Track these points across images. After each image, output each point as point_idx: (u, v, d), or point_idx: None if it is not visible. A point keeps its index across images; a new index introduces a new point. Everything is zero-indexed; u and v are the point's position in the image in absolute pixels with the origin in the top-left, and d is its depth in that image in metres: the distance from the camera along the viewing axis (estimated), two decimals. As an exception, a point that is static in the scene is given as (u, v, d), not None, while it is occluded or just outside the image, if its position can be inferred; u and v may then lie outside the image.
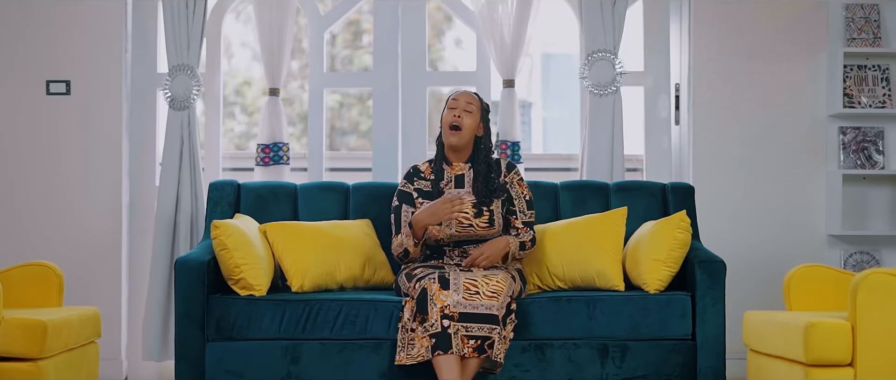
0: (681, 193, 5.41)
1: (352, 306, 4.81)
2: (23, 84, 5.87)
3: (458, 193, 4.89)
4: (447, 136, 4.99)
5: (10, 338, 4.02)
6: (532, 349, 4.79)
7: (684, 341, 4.81)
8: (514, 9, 5.82)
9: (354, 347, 4.79)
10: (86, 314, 4.49)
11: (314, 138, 6.03)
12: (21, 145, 5.86)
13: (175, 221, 5.74)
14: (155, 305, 5.70)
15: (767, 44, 5.87)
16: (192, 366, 4.78)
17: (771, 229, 5.84)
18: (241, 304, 4.80)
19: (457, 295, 4.59)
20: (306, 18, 6.03)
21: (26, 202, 5.85)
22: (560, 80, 12.50)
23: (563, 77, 11.33)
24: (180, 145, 5.76)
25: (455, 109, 4.99)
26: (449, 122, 4.98)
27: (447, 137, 4.99)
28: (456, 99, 5.00)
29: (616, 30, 5.77)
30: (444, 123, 5.00)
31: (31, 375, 4.01)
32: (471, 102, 5.00)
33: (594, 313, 4.81)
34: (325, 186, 5.49)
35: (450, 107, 5.00)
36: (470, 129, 4.98)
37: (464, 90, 5.07)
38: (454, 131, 4.97)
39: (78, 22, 5.86)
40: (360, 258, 5.11)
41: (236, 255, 4.83)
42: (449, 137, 4.99)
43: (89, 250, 5.82)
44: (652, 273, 4.87)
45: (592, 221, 5.13)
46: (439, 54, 10.40)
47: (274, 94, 5.93)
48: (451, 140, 4.98)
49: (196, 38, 5.76)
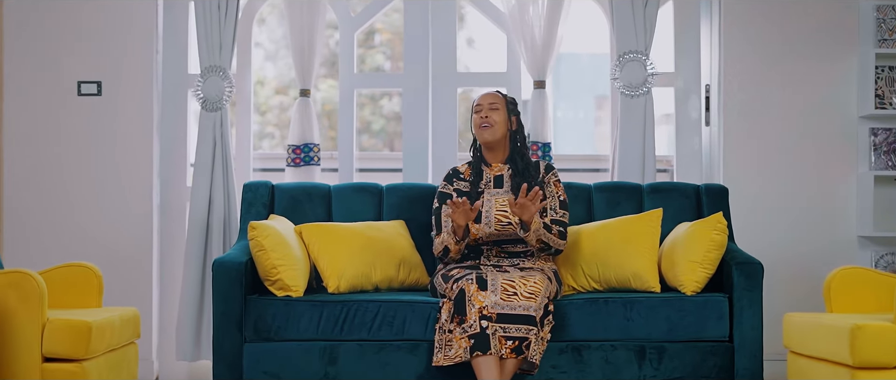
0: (715, 195, 5.42)
1: (389, 307, 4.82)
2: (55, 85, 5.88)
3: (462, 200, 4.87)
4: (480, 134, 5.02)
5: (55, 339, 4.03)
6: (569, 351, 4.80)
7: (721, 343, 4.81)
8: (544, 10, 5.82)
9: (392, 348, 4.79)
10: (126, 315, 4.50)
11: (344, 139, 6.03)
12: (52, 146, 5.87)
13: (207, 223, 5.75)
14: (188, 305, 5.71)
15: (798, 45, 5.87)
16: (230, 367, 4.78)
17: (801, 231, 5.83)
18: (278, 305, 4.81)
19: (494, 296, 4.59)
20: (337, 19, 6.04)
21: (57, 203, 5.86)
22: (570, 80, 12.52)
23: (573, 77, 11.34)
24: (213, 147, 5.76)
25: (481, 112, 5.04)
26: (478, 123, 5.02)
27: (480, 135, 5.02)
28: (480, 103, 5.06)
29: (647, 31, 5.77)
30: (475, 124, 5.05)
31: (76, 375, 4.01)
32: (493, 100, 5.04)
33: (631, 315, 4.81)
34: (358, 187, 5.49)
35: (475, 111, 5.06)
36: (500, 123, 5.02)
37: (484, 92, 5.10)
38: (486, 128, 4.99)
39: (109, 23, 5.87)
40: (396, 259, 5.12)
41: (273, 256, 4.84)
42: (482, 135, 5.02)
43: (121, 251, 5.82)
44: (689, 275, 4.87)
45: (628, 222, 5.14)
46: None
47: (304, 94, 5.93)
48: (484, 136, 5.01)
49: (228, 40, 5.77)
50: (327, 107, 7.54)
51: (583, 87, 6.84)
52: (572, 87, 12.52)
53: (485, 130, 5.02)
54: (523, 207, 4.78)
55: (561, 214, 5.03)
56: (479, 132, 5.04)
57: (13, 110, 5.86)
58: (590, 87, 8.83)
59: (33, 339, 3.99)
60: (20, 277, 3.99)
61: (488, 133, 5.02)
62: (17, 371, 3.98)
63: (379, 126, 7.83)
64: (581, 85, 5.88)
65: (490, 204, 4.98)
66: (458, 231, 4.87)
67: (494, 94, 5.09)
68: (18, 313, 3.99)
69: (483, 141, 5.04)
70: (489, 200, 5.00)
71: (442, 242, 4.95)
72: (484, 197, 5.00)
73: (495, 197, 5.01)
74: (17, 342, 3.98)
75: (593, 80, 8.68)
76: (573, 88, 12.39)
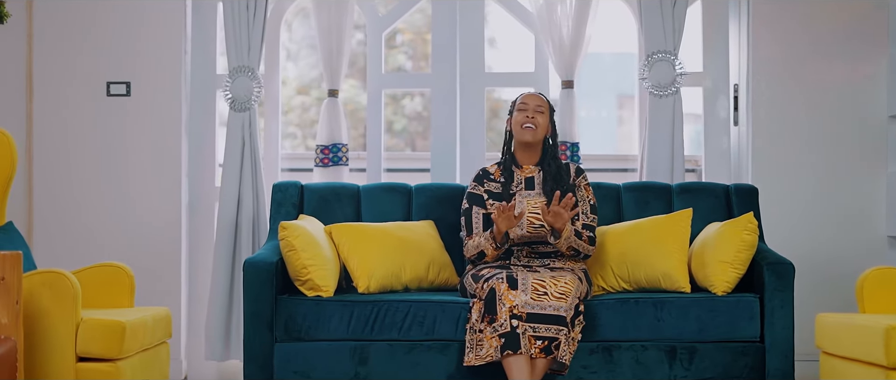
0: (745, 195, 5.40)
1: (419, 307, 4.82)
2: (84, 85, 5.90)
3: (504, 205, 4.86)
4: (522, 134, 5.01)
5: (89, 339, 4.04)
6: (600, 351, 4.79)
7: (753, 343, 4.80)
8: (572, 9, 5.81)
9: (422, 348, 4.80)
10: (158, 315, 4.52)
11: (372, 139, 6.04)
12: (82, 146, 5.89)
13: (236, 223, 5.77)
14: (217, 305, 5.72)
15: (827, 44, 5.85)
16: (261, 367, 4.79)
17: (830, 231, 5.81)
18: (309, 305, 4.82)
19: (525, 295, 4.59)
20: (365, 19, 6.04)
21: (86, 203, 5.88)
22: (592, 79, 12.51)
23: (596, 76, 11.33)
24: (241, 147, 5.78)
25: (526, 111, 5.02)
26: (522, 122, 5.00)
27: (522, 134, 5.01)
28: (525, 102, 5.04)
29: (676, 31, 5.76)
30: (516, 123, 5.02)
31: (110, 375, 4.03)
32: (541, 104, 5.04)
33: (662, 315, 4.80)
34: (387, 187, 5.50)
35: (519, 109, 5.03)
36: (543, 126, 5.02)
37: (530, 92, 5.09)
38: (529, 129, 4.98)
39: (138, 24, 5.89)
40: (425, 259, 5.12)
41: (304, 256, 4.84)
42: (524, 135, 5.00)
43: (149, 251, 5.84)
44: (719, 275, 4.86)
45: (657, 222, 5.13)
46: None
47: (332, 95, 5.94)
48: (526, 137, 5.00)
49: (257, 40, 5.78)
50: (349, 106, 7.54)
51: (605, 86, 6.82)
52: (594, 86, 12.49)
53: (528, 131, 5.01)
54: (556, 214, 4.77)
55: (591, 219, 5.03)
56: (521, 132, 5.02)
57: (43, 111, 5.89)
58: (612, 86, 8.81)
59: (67, 338, 4.01)
60: (55, 277, 4.01)
61: (531, 134, 5.01)
62: (51, 371, 3.99)
63: (401, 126, 7.84)
64: (603, 84, 5.88)
65: (522, 206, 4.97)
66: (499, 237, 4.87)
67: (541, 96, 5.08)
68: (53, 313, 4.01)
69: (523, 140, 5.03)
70: (521, 201, 4.99)
71: (477, 246, 4.94)
72: (516, 199, 5.00)
73: (527, 199, 5.01)
74: (51, 342, 4.00)
75: (616, 79, 8.66)
76: (595, 88, 12.36)
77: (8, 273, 3.73)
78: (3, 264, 3.71)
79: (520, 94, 5.13)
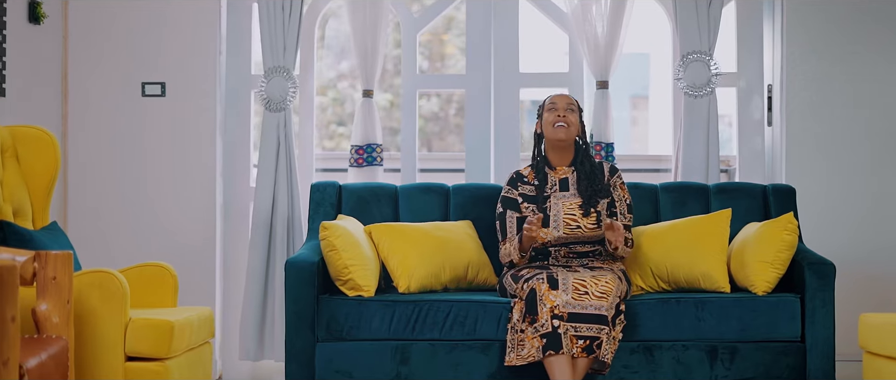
0: (782, 195, 5.40)
1: (461, 306, 4.83)
2: (119, 86, 5.92)
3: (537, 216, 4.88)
4: (555, 133, 5.00)
5: (138, 338, 4.05)
6: (640, 351, 4.80)
7: (793, 343, 4.81)
8: (607, 9, 5.81)
9: (463, 347, 4.81)
10: (202, 315, 4.53)
11: (407, 139, 6.05)
12: (116, 147, 5.91)
13: (271, 223, 5.77)
14: (252, 305, 5.73)
15: (861, 43, 5.84)
16: (303, 366, 4.81)
17: (865, 231, 5.81)
18: (351, 304, 4.83)
19: (566, 295, 4.60)
20: (400, 20, 6.06)
21: (121, 204, 5.90)
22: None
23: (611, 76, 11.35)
24: (276, 147, 5.79)
25: (556, 110, 5.03)
26: (553, 121, 5.01)
27: (555, 133, 5.00)
28: (555, 102, 5.05)
29: (711, 31, 5.76)
30: (548, 123, 5.03)
31: (160, 374, 4.04)
32: (570, 102, 5.06)
33: (703, 315, 4.81)
34: (424, 187, 5.51)
35: (549, 109, 5.04)
36: (575, 125, 5.04)
37: (558, 93, 5.10)
38: (562, 128, 4.99)
39: (173, 24, 5.91)
40: (464, 259, 5.13)
41: (345, 256, 4.85)
42: (557, 134, 5.00)
43: (184, 252, 5.85)
44: (759, 275, 4.86)
45: (696, 222, 5.13)
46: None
47: (367, 95, 5.95)
48: (559, 135, 5.00)
49: (292, 40, 5.79)
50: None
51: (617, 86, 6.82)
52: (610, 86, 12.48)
53: (561, 130, 5.02)
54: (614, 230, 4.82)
55: (627, 218, 5.04)
56: (553, 131, 5.03)
57: (77, 111, 5.91)
58: (625, 86, 8.81)
59: (116, 338, 4.02)
60: (104, 276, 4.02)
61: (564, 132, 5.02)
62: (100, 370, 4.01)
63: (418, 126, 7.89)
64: (616, 84, 5.88)
65: (558, 208, 4.98)
66: (525, 248, 4.87)
67: (569, 96, 5.10)
68: (101, 313, 4.02)
69: (557, 139, 5.03)
70: (556, 203, 5.00)
71: (508, 254, 4.97)
72: (551, 201, 5.00)
73: (563, 201, 5.01)
74: (100, 342, 4.01)
75: (629, 79, 8.66)
76: (610, 88, 12.33)
77: (59, 273, 3.74)
78: (54, 264, 3.72)
79: (546, 96, 5.14)
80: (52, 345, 3.60)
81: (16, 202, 4.40)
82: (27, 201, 4.48)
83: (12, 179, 4.42)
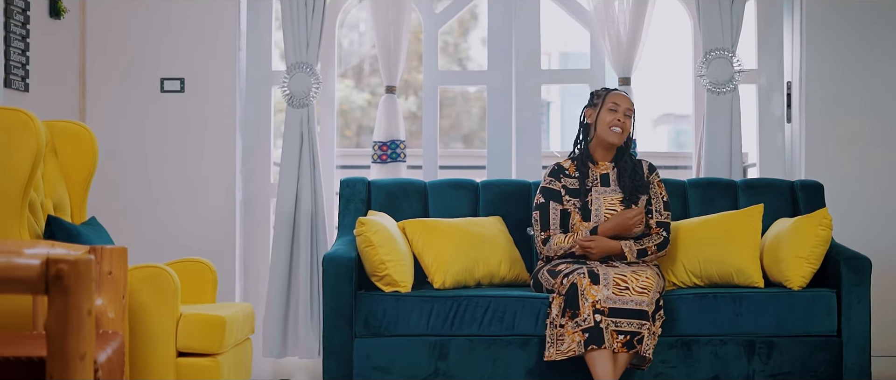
0: (811, 191, 5.44)
1: (499, 302, 4.82)
2: (138, 82, 5.86)
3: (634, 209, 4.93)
4: (609, 134, 5.01)
5: (190, 333, 4.01)
6: (679, 346, 4.81)
7: (830, 338, 4.84)
8: (630, 6, 5.83)
9: (502, 343, 4.80)
10: (245, 311, 4.49)
11: (428, 136, 6.03)
12: (135, 143, 5.85)
13: (295, 219, 5.74)
14: (275, 302, 5.70)
15: (880, 40, 5.89)
16: (341, 362, 4.78)
17: (886, 227, 5.85)
18: (388, 300, 4.81)
19: (607, 290, 4.61)
20: (421, 16, 6.04)
21: (140, 200, 5.84)
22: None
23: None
24: (299, 143, 5.75)
25: (617, 113, 5.02)
26: (611, 123, 5.01)
27: (609, 135, 5.01)
28: (617, 102, 5.04)
29: (734, 28, 5.78)
30: (604, 122, 5.02)
31: (211, 370, 4.00)
32: (630, 107, 5.08)
33: (740, 310, 4.83)
34: (454, 183, 5.49)
35: (610, 109, 5.03)
36: (628, 131, 5.04)
37: (619, 92, 5.09)
38: (617, 132, 5.01)
39: (192, 20, 5.86)
40: (497, 255, 5.12)
41: (381, 251, 4.83)
42: (611, 136, 5.02)
43: (204, 249, 5.79)
44: (795, 270, 4.89)
45: (728, 218, 5.15)
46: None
47: (390, 91, 5.93)
48: (613, 138, 5.02)
49: (315, 36, 5.76)
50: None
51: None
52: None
53: (616, 134, 5.03)
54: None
55: (665, 216, 5.06)
56: (608, 133, 5.03)
57: (96, 107, 5.84)
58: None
59: (168, 333, 3.98)
60: (156, 272, 3.97)
61: (619, 138, 5.04)
62: (152, 366, 3.96)
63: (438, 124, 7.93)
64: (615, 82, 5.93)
65: (599, 203, 4.99)
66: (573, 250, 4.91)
67: (629, 99, 5.11)
68: (152, 308, 3.97)
69: (610, 141, 5.03)
70: (598, 198, 5.01)
71: (560, 247, 4.96)
72: (592, 195, 5.01)
73: (603, 196, 5.02)
74: (152, 337, 3.96)
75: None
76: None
77: (115, 268, 3.68)
78: (110, 259, 3.66)
79: (604, 87, 5.15)
80: (112, 340, 3.55)
81: (56, 198, 4.34)
82: (66, 197, 4.42)
83: (51, 175, 4.36)
